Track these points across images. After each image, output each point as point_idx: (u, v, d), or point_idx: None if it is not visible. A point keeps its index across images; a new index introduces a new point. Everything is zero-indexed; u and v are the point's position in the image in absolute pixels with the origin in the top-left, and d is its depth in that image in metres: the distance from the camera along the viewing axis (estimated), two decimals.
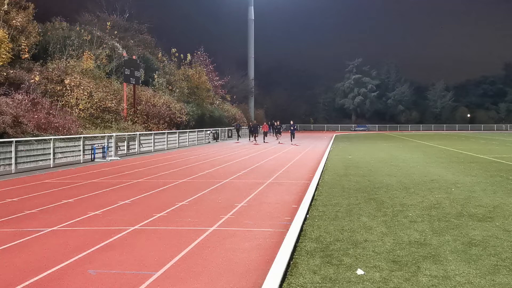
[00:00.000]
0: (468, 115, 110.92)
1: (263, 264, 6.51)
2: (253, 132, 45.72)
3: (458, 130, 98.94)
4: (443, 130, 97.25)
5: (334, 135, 65.71)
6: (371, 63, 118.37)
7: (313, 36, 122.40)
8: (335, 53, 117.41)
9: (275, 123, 46.85)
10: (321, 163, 20.85)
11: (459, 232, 8.24)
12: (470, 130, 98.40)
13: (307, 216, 9.58)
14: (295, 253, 6.99)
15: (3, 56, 28.05)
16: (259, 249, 7.35)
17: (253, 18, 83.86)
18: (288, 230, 8.22)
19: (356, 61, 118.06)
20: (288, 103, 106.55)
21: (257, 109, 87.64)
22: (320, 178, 15.66)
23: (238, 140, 48.01)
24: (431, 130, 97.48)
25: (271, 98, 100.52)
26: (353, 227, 8.61)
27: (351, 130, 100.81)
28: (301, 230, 8.36)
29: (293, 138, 41.73)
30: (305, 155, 27.28)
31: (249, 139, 47.08)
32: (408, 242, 7.60)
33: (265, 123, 50.10)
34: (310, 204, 10.83)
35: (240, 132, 49.99)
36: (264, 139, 45.07)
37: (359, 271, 6.14)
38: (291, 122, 43.57)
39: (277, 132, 44.71)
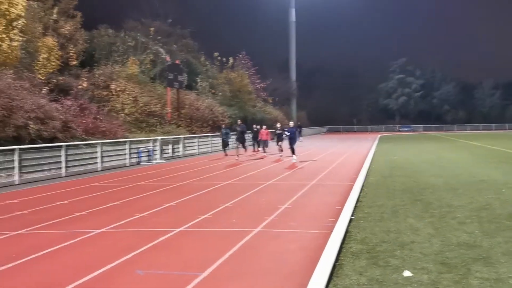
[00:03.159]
0: None
1: (308, 265, 6.46)
2: (239, 140, 28.82)
3: (508, 129, 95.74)
4: (492, 130, 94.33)
5: (378, 136, 64.80)
6: (415, 62, 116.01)
7: (355, 36, 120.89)
8: (378, 53, 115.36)
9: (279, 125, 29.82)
10: (365, 164, 20.56)
11: (511, 233, 7.97)
12: None
13: (352, 217, 9.48)
14: (340, 255, 6.92)
15: (53, 64, 29.02)
16: (304, 250, 7.32)
17: (295, 20, 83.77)
18: (332, 231, 8.14)
19: (399, 61, 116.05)
20: (330, 104, 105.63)
21: (299, 111, 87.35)
22: (364, 179, 15.44)
23: (225, 151, 29.74)
24: (479, 130, 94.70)
25: (313, 99, 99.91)
26: (399, 229, 8.46)
27: (395, 131, 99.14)
28: (346, 231, 8.27)
29: (294, 150, 23.56)
30: (349, 156, 27.01)
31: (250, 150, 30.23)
32: (457, 243, 7.40)
33: (264, 128, 31.17)
34: (355, 206, 10.70)
35: (229, 140, 31.03)
36: (264, 149, 30.15)
37: (407, 273, 6.02)
38: (291, 124, 26.26)
39: (278, 139, 28.41)
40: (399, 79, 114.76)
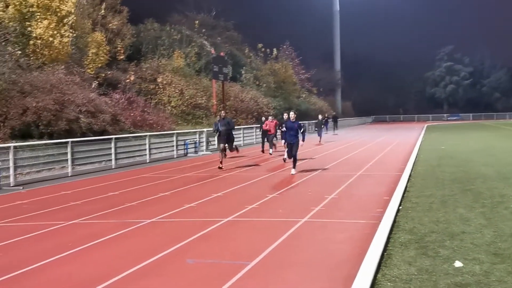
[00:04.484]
0: None
1: (356, 255, 6.46)
2: (226, 137, 18.25)
3: None
4: None
5: (426, 125, 63.43)
6: (463, 49, 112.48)
7: (401, 24, 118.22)
8: (425, 41, 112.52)
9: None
10: (413, 154, 20.21)
11: None
12: None
13: (400, 207, 9.37)
14: (388, 245, 6.87)
15: (102, 58, 29.79)
16: (352, 240, 7.31)
17: (338, 9, 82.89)
18: (380, 221, 8.08)
19: (446, 48, 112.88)
20: (376, 94, 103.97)
21: (345, 101, 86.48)
22: (412, 169, 15.20)
23: (221, 161, 17.89)
24: None
25: (358, 89, 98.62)
26: (448, 219, 8.32)
27: (443, 120, 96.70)
28: (394, 221, 8.19)
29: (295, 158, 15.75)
30: (396, 146, 26.62)
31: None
32: (510, 234, 7.22)
33: (271, 118, 24.40)
34: (403, 196, 10.57)
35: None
36: (271, 148, 23.62)
37: (457, 263, 5.93)
38: (291, 115, 15.89)
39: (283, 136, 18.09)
40: (446, 67, 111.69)
